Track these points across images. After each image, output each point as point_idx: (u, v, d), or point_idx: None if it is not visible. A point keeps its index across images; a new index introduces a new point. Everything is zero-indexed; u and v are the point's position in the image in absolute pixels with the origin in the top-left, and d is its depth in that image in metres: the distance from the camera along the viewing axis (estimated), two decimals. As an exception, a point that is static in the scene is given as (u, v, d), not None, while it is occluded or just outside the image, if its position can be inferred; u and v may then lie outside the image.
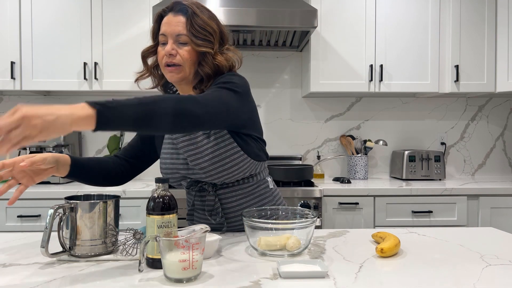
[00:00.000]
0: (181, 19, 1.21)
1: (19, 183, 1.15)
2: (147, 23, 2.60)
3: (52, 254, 1.00)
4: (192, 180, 1.30)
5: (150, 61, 1.35)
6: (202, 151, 1.21)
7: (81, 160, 1.26)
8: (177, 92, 1.37)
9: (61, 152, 2.70)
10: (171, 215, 0.98)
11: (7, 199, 2.28)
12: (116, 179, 1.37)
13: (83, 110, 0.86)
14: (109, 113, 0.89)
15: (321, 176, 2.91)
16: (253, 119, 1.28)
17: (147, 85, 1.46)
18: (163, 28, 1.23)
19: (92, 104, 0.88)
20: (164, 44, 1.24)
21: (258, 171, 1.34)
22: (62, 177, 1.23)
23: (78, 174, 1.24)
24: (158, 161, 1.43)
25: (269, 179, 1.40)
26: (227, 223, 1.31)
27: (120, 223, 2.26)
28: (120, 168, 1.37)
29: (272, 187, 1.39)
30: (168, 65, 1.23)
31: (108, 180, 1.34)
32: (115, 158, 1.39)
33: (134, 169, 1.41)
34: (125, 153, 1.40)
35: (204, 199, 1.29)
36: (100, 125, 0.87)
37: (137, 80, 1.38)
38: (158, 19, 1.27)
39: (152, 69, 1.36)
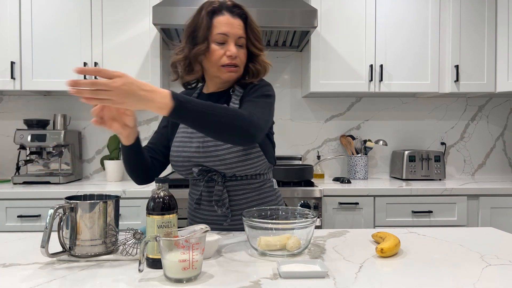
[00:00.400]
0: (240, 22, 1.30)
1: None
2: (147, 23, 2.59)
3: (52, 254, 1.00)
4: (202, 168, 1.31)
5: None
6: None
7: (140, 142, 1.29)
8: (198, 87, 1.43)
9: (61, 152, 2.70)
10: (171, 215, 0.98)
11: (7, 199, 2.28)
12: (150, 176, 1.37)
13: (164, 99, 1.00)
14: (182, 112, 1.02)
15: (321, 176, 2.91)
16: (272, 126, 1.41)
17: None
18: (225, 29, 1.27)
19: (174, 97, 1.01)
20: (221, 44, 1.28)
21: (266, 171, 1.40)
22: (124, 145, 1.23)
23: (137, 148, 1.26)
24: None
25: (274, 180, 1.46)
26: (232, 215, 1.34)
27: (120, 223, 2.26)
28: (153, 166, 1.38)
29: (276, 187, 1.44)
30: (228, 65, 1.29)
31: (146, 173, 1.34)
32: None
33: (161, 166, 1.42)
34: (152, 152, 1.39)
35: (212, 189, 1.32)
36: (172, 116, 1.02)
37: (184, 82, 1.40)
38: (210, 15, 1.28)
39: (193, 65, 1.34)
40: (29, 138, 2.58)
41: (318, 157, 2.98)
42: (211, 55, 1.29)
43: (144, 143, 1.34)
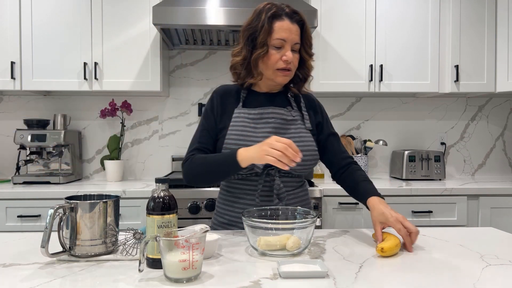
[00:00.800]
0: (298, 29, 1.36)
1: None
2: (147, 23, 2.59)
3: (52, 254, 1.00)
4: (266, 164, 1.32)
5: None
6: (304, 140, 1.39)
7: None
8: (250, 87, 1.47)
9: (61, 152, 2.70)
10: (171, 215, 0.98)
11: (7, 199, 2.28)
12: None
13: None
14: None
15: (321, 176, 2.91)
16: None
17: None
18: (284, 34, 1.33)
19: None
20: (279, 48, 1.34)
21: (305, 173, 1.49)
22: (240, 165, 1.26)
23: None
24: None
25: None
26: None
27: (120, 223, 2.26)
28: None
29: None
30: (282, 69, 1.35)
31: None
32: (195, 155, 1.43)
33: None
34: (205, 152, 1.41)
35: (272, 183, 1.36)
36: None
37: (248, 83, 1.44)
38: (270, 20, 1.33)
39: (252, 68, 1.40)
40: (29, 138, 2.58)
41: (318, 157, 2.98)
42: (268, 59, 1.35)
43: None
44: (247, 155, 1.22)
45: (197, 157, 1.36)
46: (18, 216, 2.28)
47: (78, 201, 1.03)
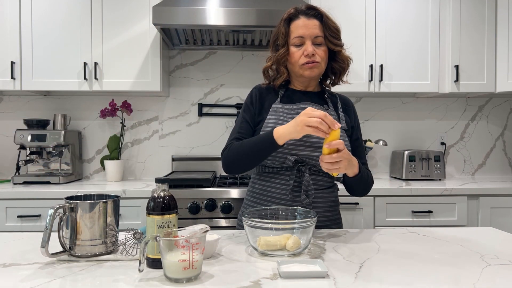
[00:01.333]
0: (316, 22, 1.40)
1: None
2: (147, 23, 2.59)
3: (52, 254, 1.00)
4: (297, 159, 1.37)
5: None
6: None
7: None
8: (286, 86, 1.50)
9: (61, 152, 2.70)
10: (171, 215, 0.98)
11: (7, 199, 2.28)
12: None
13: (356, 168, 1.33)
14: (357, 176, 1.35)
15: (321, 176, 2.91)
16: None
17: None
18: (300, 31, 1.38)
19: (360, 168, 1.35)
20: (299, 46, 1.38)
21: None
22: (277, 143, 1.28)
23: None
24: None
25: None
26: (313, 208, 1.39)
27: (120, 223, 2.26)
28: None
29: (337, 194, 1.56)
30: (307, 63, 1.37)
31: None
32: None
33: None
34: (247, 137, 1.43)
35: (302, 179, 1.38)
36: (353, 176, 1.35)
37: (277, 84, 1.48)
38: (287, 23, 1.41)
39: (278, 69, 1.45)
40: (29, 138, 2.58)
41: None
42: (291, 57, 1.40)
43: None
44: (283, 131, 1.25)
45: (236, 143, 1.38)
46: (18, 216, 2.28)
47: (78, 201, 1.03)
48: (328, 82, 1.53)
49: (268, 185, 1.42)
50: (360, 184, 1.38)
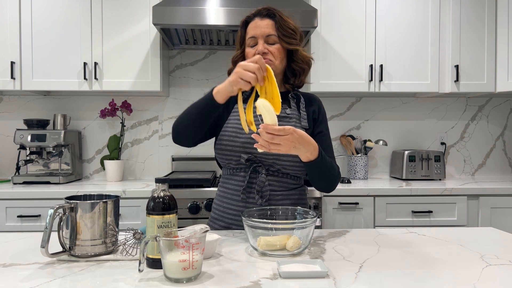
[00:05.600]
0: (269, 22, 1.39)
1: None
2: (147, 23, 2.59)
3: (52, 254, 1.00)
4: (250, 157, 1.37)
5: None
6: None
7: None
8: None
9: (61, 152, 2.70)
10: (171, 215, 0.98)
11: (7, 199, 2.28)
12: (196, 141, 1.41)
13: (314, 152, 1.22)
14: (318, 164, 1.26)
15: (321, 176, 2.91)
16: None
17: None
18: (252, 32, 1.40)
19: (319, 152, 1.24)
20: (254, 46, 1.40)
21: (303, 175, 1.47)
22: (216, 101, 1.26)
23: (217, 110, 1.31)
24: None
25: (306, 187, 1.56)
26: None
27: (120, 223, 2.26)
28: (203, 134, 1.42)
29: (318, 196, 1.52)
30: None
31: (197, 136, 1.39)
32: None
33: (203, 138, 1.45)
34: None
35: (256, 180, 1.37)
36: (309, 164, 1.25)
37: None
38: (244, 26, 1.44)
39: None
40: (29, 138, 2.58)
41: (318, 157, 2.97)
42: (246, 57, 1.42)
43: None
44: (221, 87, 1.24)
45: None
46: (18, 216, 2.28)
47: (78, 201, 1.03)
48: (290, 83, 1.48)
49: (226, 187, 1.44)
50: (319, 172, 1.30)
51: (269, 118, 1.09)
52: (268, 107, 1.08)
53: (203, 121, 1.32)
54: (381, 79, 2.65)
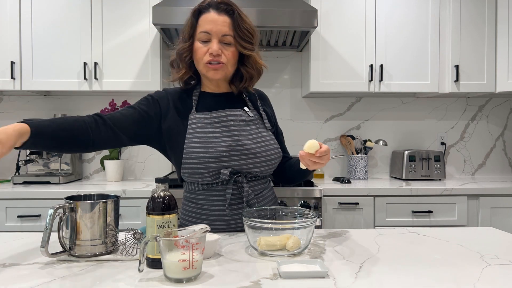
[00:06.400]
0: (227, 19, 1.26)
1: None
2: (147, 23, 2.59)
3: (52, 254, 1.00)
4: (232, 171, 1.28)
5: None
6: (266, 140, 1.35)
7: (42, 126, 1.10)
8: (198, 88, 1.39)
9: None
10: (171, 215, 0.98)
11: (7, 199, 2.28)
12: (89, 142, 1.21)
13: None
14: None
15: (321, 176, 2.91)
16: None
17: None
18: (207, 26, 1.26)
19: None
20: (206, 42, 1.27)
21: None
22: (16, 148, 1.05)
23: (36, 142, 1.09)
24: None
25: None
26: None
27: (120, 223, 2.26)
28: (98, 130, 1.22)
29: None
30: (211, 63, 1.27)
31: (78, 143, 1.19)
32: (94, 117, 1.24)
33: (117, 140, 1.27)
34: (114, 121, 1.26)
35: (241, 190, 1.30)
36: None
37: (174, 80, 1.38)
38: (196, 14, 1.29)
39: (187, 66, 1.34)
40: (29, 138, 2.58)
41: (318, 157, 2.97)
42: (195, 53, 1.29)
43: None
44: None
45: (80, 117, 1.21)
46: (18, 216, 2.28)
47: (78, 201, 1.03)
48: (235, 86, 1.38)
49: (200, 204, 1.32)
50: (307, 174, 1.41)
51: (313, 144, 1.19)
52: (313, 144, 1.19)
53: (63, 140, 1.16)
54: (381, 79, 2.65)
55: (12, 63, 2.53)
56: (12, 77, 2.54)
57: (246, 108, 1.38)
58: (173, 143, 1.31)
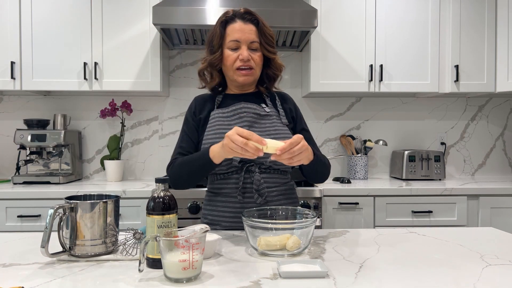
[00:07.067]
0: (252, 28, 1.41)
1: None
2: (147, 23, 2.59)
3: (52, 254, 1.00)
4: (243, 158, 1.35)
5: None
6: (280, 133, 1.41)
7: None
8: (223, 92, 1.52)
9: (61, 152, 2.70)
10: (171, 215, 0.98)
11: (7, 199, 2.28)
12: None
13: (311, 154, 1.28)
14: (313, 162, 1.30)
15: (321, 176, 2.91)
16: None
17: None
18: (236, 35, 1.39)
19: (315, 155, 1.31)
20: (235, 49, 1.40)
21: (290, 169, 1.51)
22: (213, 162, 1.28)
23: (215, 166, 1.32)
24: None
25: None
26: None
27: (120, 223, 2.26)
28: None
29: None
30: (242, 69, 1.40)
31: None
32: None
33: None
34: (189, 151, 1.45)
35: (252, 179, 1.37)
36: (309, 162, 1.29)
37: (209, 87, 1.52)
38: (223, 25, 1.42)
39: (219, 74, 1.48)
40: (29, 138, 2.58)
41: (318, 157, 2.97)
42: (226, 60, 1.42)
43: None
44: (217, 151, 1.25)
45: (178, 160, 1.39)
46: (18, 216, 2.28)
47: (78, 201, 1.03)
48: (263, 87, 1.53)
49: (218, 192, 1.43)
50: (319, 168, 1.39)
51: (274, 143, 1.15)
52: (271, 143, 1.14)
53: (204, 176, 1.36)
54: (381, 79, 2.65)
55: (12, 63, 2.53)
56: (12, 77, 2.54)
57: (263, 104, 1.48)
58: (200, 140, 1.46)
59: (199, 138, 1.46)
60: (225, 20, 1.42)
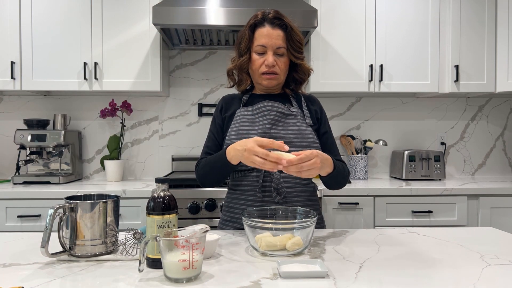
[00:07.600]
0: (280, 33, 1.40)
1: None
2: (147, 23, 2.59)
3: (52, 254, 1.00)
4: None
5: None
6: (303, 133, 1.41)
7: None
8: (251, 92, 1.54)
9: (61, 152, 2.70)
10: (171, 215, 0.98)
11: (7, 199, 2.28)
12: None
13: (331, 165, 1.29)
14: (331, 174, 1.31)
15: (321, 176, 2.91)
16: None
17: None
18: (263, 40, 1.39)
19: (335, 165, 1.31)
20: (261, 54, 1.41)
21: None
22: (231, 163, 1.29)
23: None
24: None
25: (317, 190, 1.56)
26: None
27: (120, 223, 2.26)
28: None
29: (318, 196, 1.54)
30: (266, 73, 1.41)
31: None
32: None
33: None
34: (215, 150, 1.46)
35: (271, 178, 1.37)
36: (326, 175, 1.30)
37: (233, 86, 1.54)
38: (252, 28, 1.42)
39: (248, 76, 1.49)
40: (29, 138, 2.58)
41: (318, 157, 2.97)
42: (252, 64, 1.43)
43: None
44: (234, 154, 1.25)
45: (203, 160, 1.42)
46: (18, 216, 2.28)
47: (78, 201, 1.03)
48: (289, 89, 1.54)
49: (240, 188, 1.43)
50: (337, 179, 1.38)
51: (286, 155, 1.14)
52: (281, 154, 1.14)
53: (227, 173, 1.38)
54: (381, 79, 2.65)
55: (12, 63, 2.53)
56: (12, 77, 2.54)
57: (288, 104, 1.48)
58: (224, 137, 1.47)
59: (224, 135, 1.47)
60: (254, 24, 1.42)
